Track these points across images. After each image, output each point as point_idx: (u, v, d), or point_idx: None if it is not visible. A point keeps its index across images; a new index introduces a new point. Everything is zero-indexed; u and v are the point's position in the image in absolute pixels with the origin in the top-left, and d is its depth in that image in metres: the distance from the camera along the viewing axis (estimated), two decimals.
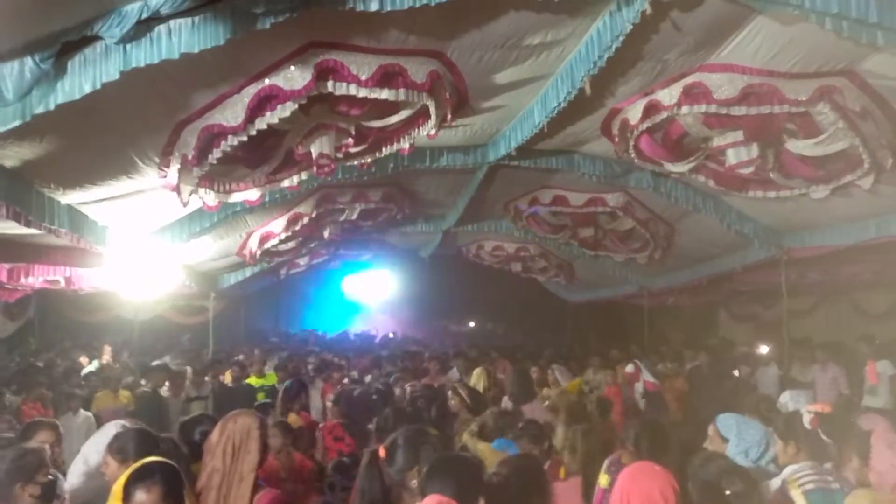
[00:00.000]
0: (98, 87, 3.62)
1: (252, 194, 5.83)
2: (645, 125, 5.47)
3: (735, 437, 3.33)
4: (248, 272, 10.58)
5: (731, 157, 5.68)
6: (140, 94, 4.20)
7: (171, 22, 3.53)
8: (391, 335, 19.80)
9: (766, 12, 4.13)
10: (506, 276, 14.28)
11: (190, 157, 4.74)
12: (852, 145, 5.06)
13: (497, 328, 20.90)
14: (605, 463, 3.71)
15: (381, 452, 2.79)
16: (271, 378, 8.34)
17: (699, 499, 2.20)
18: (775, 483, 3.08)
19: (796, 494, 2.80)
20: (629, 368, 8.18)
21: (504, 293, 17.01)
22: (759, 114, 4.91)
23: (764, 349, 11.04)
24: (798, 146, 5.43)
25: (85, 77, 3.62)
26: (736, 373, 9.88)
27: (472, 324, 21.92)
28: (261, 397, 7.02)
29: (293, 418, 5.09)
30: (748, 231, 7.97)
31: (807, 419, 3.63)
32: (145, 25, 3.50)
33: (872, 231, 6.96)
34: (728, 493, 2.16)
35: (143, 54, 3.62)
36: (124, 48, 3.60)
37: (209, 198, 5.56)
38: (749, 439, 3.31)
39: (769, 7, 4.01)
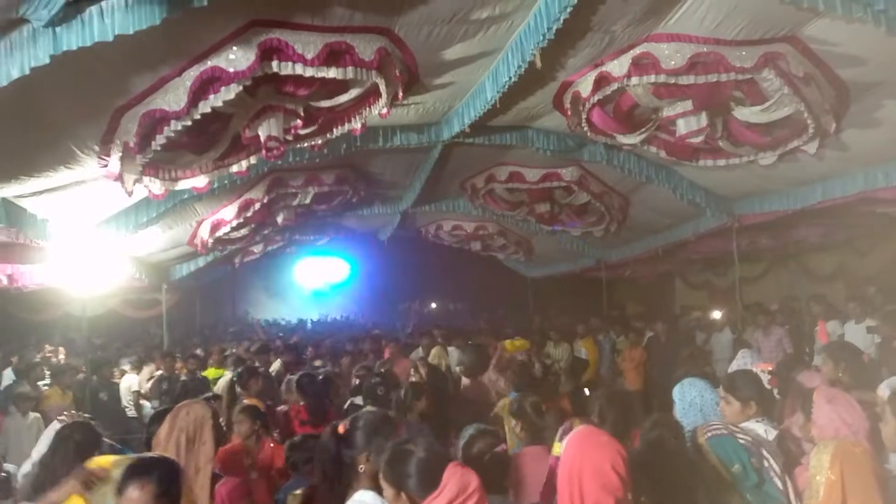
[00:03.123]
0: (27, 72, 3.45)
1: (199, 181, 5.64)
2: (596, 97, 5.47)
3: (679, 401, 3.40)
4: (201, 262, 10.33)
5: (682, 127, 5.74)
6: (74, 79, 4.02)
7: (104, 2, 3.36)
8: (353, 319, 19.71)
9: None
10: (466, 256, 14.30)
11: (132, 145, 4.56)
12: (797, 111, 5.16)
13: (459, 307, 20.98)
14: (559, 431, 3.73)
15: (340, 429, 2.76)
16: None
17: (647, 458, 2.21)
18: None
19: (702, 442, 2.89)
20: None
21: (465, 272, 17.06)
22: (707, 82, 4.95)
23: (717, 315, 11.33)
24: (745, 113, 5.51)
25: (12, 63, 3.45)
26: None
27: (434, 304, 21.96)
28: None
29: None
30: (700, 200, 8.11)
31: (765, 379, 3.72)
32: (75, 7, 3.32)
33: (818, 195, 7.15)
34: (665, 448, 2.19)
35: (74, 37, 3.45)
36: (54, 31, 3.43)
37: (154, 186, 5.37)
38: (689, 400, 3.39)
39: None
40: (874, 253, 11.15)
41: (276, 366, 8.13)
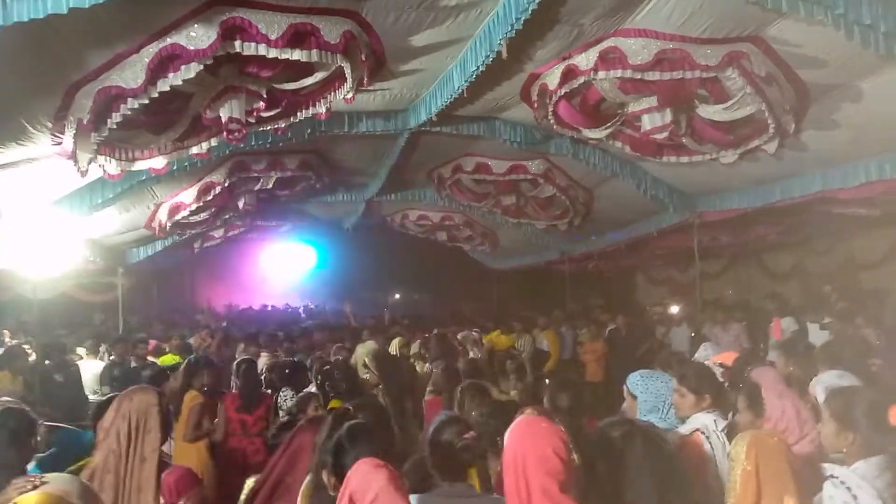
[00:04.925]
0: None
1: (157, 162, 5.50)
2: (563, 90, 5.48)
3: (642, 393, 3.41)
4: (159, 246, 10.09)
5: (646, 123, 5.79)
6: (27, 52, 3.88)
7: None
8: (316, 308, 19.52)
9: None
10: (431, 246, 14.26)
11: (86, 122, 4.40)
12: (759, 110, 5.23)
13: (424, 298, 20.92)
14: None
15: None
16: None
17: (603, 456, 2.19)
18: (685, 430, 3.18)
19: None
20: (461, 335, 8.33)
21: (430, 262, 17.00)
22: (672, 79, 5.00)
23: (675, 310, 11.51)
24: (708, 111, 5.58)
25: None
26: None
27: (398, 295, 21.87)
28: None
29: (191, 395, 4.91)
30: (663, 196, 8.21)
31: (719, 373, 3.78)
32: None
33: (777, 194, 7.30)
34: (627, 450, 2.15)
35: (25, 7, 3.33)
36: (4, 1, 3.29)
37: (110, 166, 5.22)
38: (654, 391, 3.39)
39: None
40: (830, 252, 11.45)
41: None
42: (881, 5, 3.81)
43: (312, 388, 4.95)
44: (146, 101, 4.31)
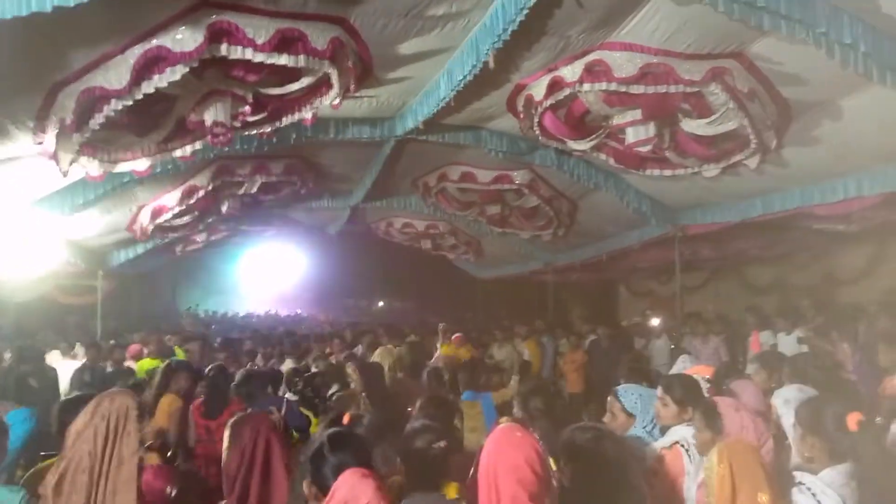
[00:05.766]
0: None
1: (140, 164, 5.46)
2: (549, 102, 5.53)
3: (642, 413, 3.39)
4: (140, 249, 9.98)
5: (630, 136, 5.84)
6: (8, 50, 3.84)
7: None
8: (299, 315, 19.45)
9: None
10: (416, 254, 14.24)
11: (69, 122, 4.37)
12: (741, 126, 5.31)
13: (407, 306, 20.89)
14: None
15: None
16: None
17: (572, 463, 2.19)
18: (665, 442, 3.19)
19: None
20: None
21: (414, 271, 16.99)
22: (656, 93, 5.05)
23: (656, 322, 11.57)
24: (692, 125, 5.64)
25: None
26: None
27: (381, 303, 21.83)
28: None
29: (169, 399, 4.83)
30: (645, 208, 8.27)
31: (705, 387, 3.78)
32: None
33: (759, 209, 7.39)
34: (601, 457, 2.16)
35: (8, 5, 3.30)
36: None
37: (92, 167, 5.17)
38: (650, 410, 3.38)
39: None
40: (810, 267, 11.58)
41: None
42: (861, 26, 3.89)
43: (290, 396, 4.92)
44: (130, 103, 4.29)
